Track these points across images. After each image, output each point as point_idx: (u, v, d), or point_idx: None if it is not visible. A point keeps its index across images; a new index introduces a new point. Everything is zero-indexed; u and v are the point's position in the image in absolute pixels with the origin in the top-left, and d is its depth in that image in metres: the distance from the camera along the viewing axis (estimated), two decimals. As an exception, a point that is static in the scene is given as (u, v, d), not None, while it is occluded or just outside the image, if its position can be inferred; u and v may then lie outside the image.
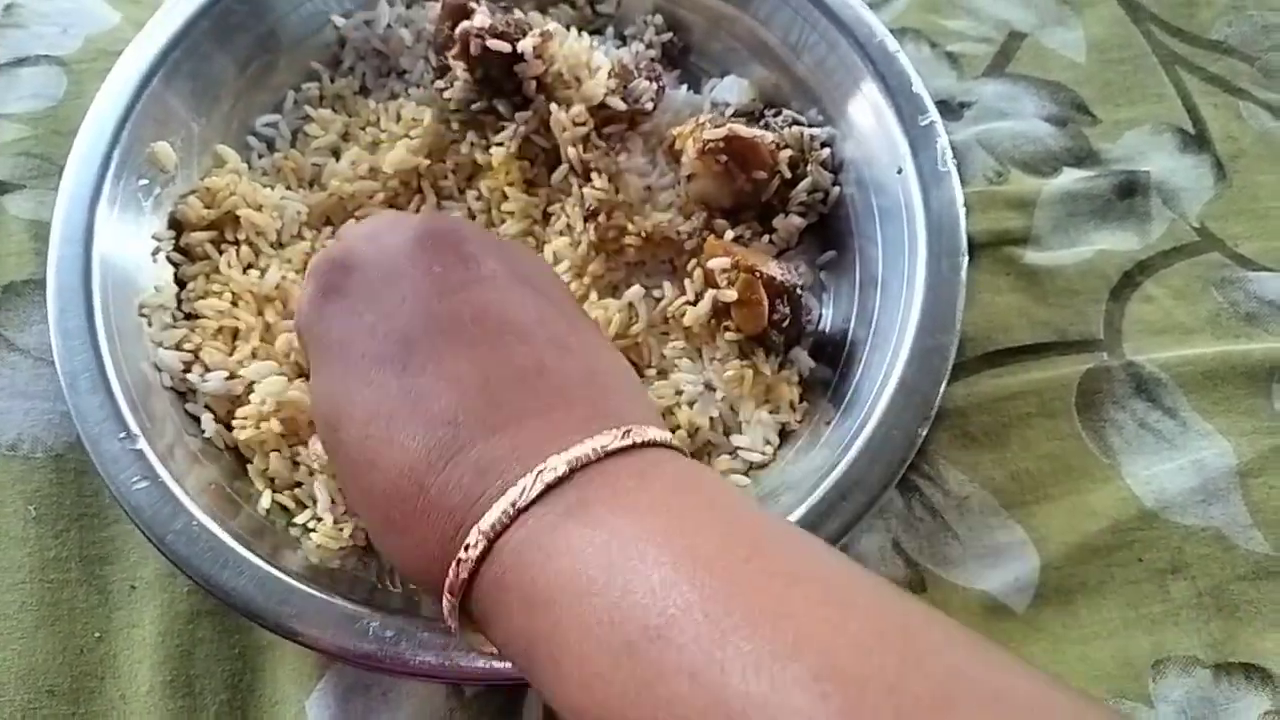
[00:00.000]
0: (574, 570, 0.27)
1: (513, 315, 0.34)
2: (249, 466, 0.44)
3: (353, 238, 0.37)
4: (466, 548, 0.29)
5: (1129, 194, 0.55)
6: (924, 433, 0.42)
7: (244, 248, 0.48)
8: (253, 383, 0.44)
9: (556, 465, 0.29)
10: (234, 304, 0.47)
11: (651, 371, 0.47)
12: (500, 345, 0.33)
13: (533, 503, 0.29)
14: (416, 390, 0.32)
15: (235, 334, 0.46)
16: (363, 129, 0.52)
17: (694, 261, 0.47)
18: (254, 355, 0.45)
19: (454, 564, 0.29)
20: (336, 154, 0.52)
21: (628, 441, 0.30)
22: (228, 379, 0.44)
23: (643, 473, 0.30)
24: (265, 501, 0.43)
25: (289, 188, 0.50)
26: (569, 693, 0.27)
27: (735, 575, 0.25)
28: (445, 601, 0.30)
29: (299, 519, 0.43)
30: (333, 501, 0.43)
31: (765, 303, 0.44)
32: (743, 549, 0.26)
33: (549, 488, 0.29)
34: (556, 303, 0.36)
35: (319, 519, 0.43)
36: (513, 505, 0.29)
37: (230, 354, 0.45)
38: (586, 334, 0.36)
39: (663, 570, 0.26)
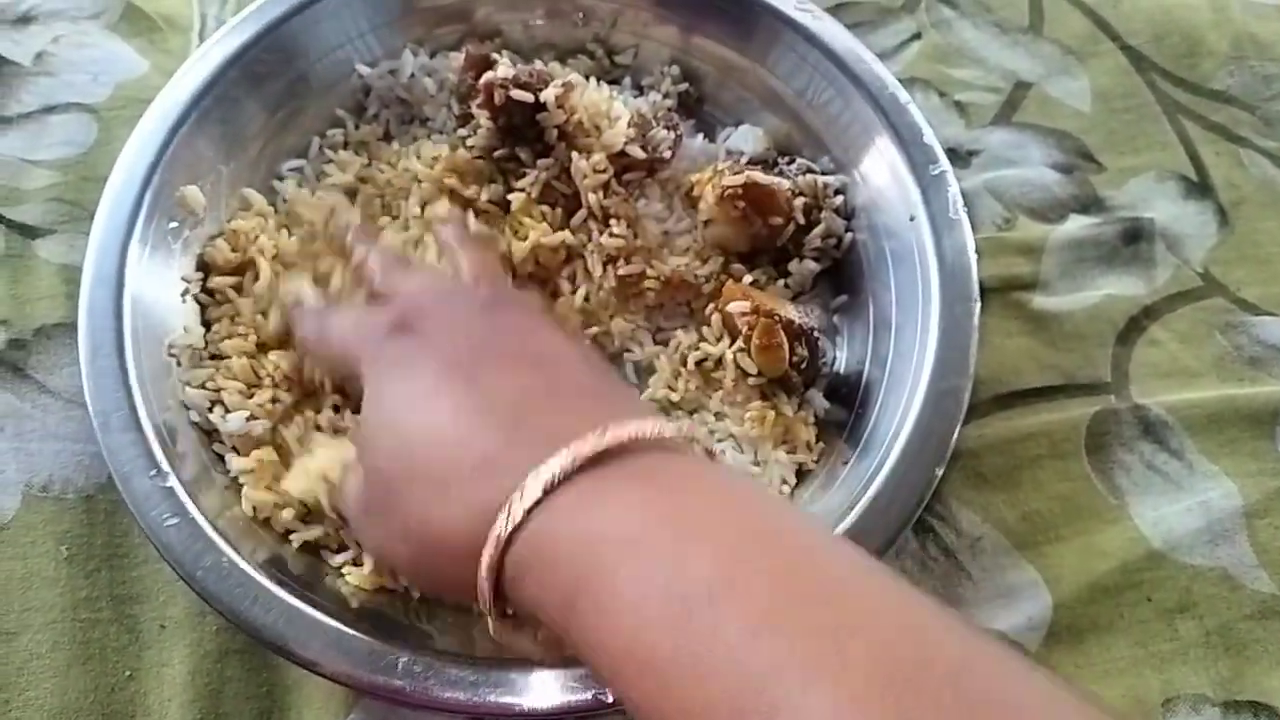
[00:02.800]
0: (639, 523, 0.29)
1: (566, 356, 0.38)
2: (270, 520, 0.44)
3: (424, 297, 0.41)
4: (522, 494, 0.30)
5: (1134, 240, 0.56)
6: (940, 474, 0.43)
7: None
8: (275, 425, 0.45)
9: (620, 433, 0.31)
10: (258, 347, 0.47)
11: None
12: (558, 369, 0.37)
13: (593, 463, 0.30)
14: (483, 389, 0.35)
15: (258, 376, 0.47)
16: (380, 171, 0.53)
17: (711, 305, 0.49)
18: (274, 400, 0.46)
19: (504, 513, 0.30)
20: (350, 195, 0.53)
21: (687, 434, 0.33)
22: (248, 419, 0.45)
23: (700, 462, 0.32)
24: (295, 542, 0.44)
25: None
26: (614, 641, 0.28)
27: (790, 557, 0.28)
28: (485, 558, 0.31)
29: (333, 562, 0.44)
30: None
31: (786, 346, 0.46)
32: (795, 535, 0.29)
33: (610, 453, 0.30)
34: (601, 369, 0.41)
35: (357, 564, 0.44)
36: (573, 461, 0.30)
37: (250, 396, 0.46)
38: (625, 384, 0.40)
39: (726, 541, 0.28)
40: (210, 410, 0.45)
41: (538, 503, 0.30)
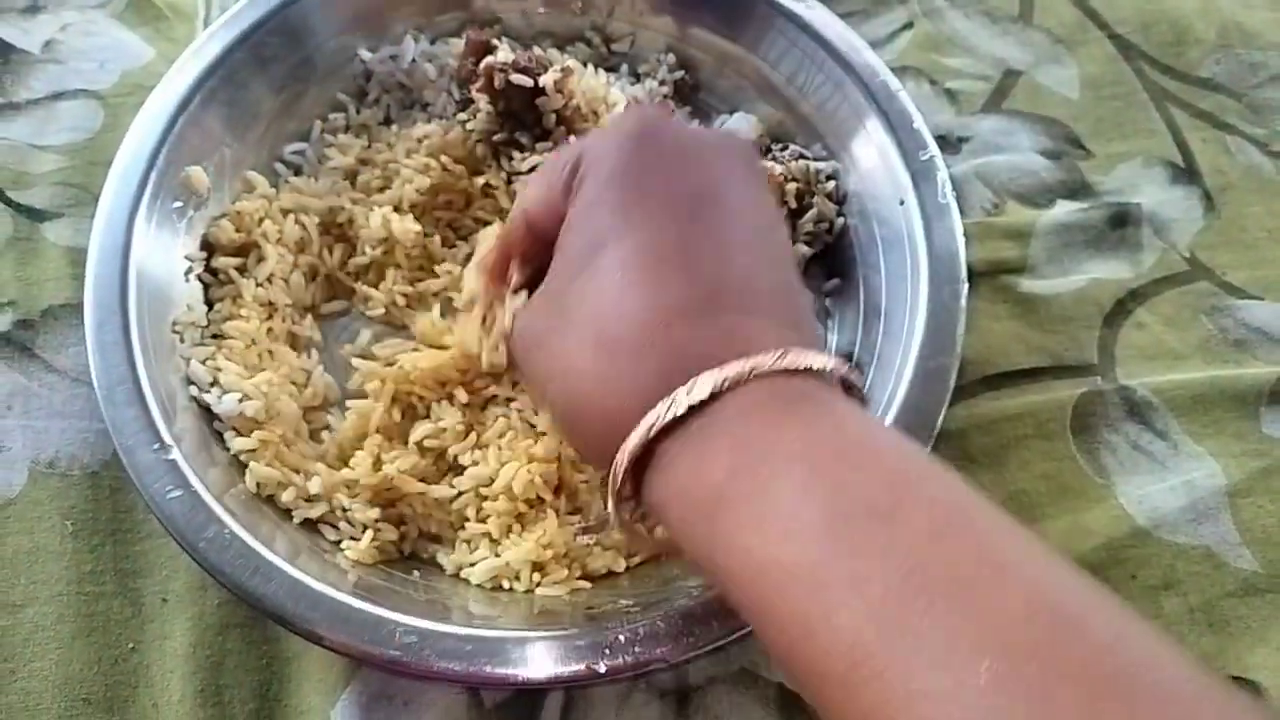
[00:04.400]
0: (802, 443, 0.29)
1: (771, 235, 0.36)
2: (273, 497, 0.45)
3: (673, 121, 0.40)
4: (691, 389, 0.30)
5: (1121, 225, 0.57)
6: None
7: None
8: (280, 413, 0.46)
9: (798, 360, 0.31)
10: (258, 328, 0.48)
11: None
12: (771, 250, 0.36)
13: (769, 373, 0.30)
14: (694, 242, 0.33)
15: (259, 356, 0.48)
16: (380, 154, 0.54)
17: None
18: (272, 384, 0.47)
19: (667, 401, 0.30)
20: (350, 177, 0.53)
21: (852, 376, 0.33)
22: (240, 400, 0.45)
23: (856, 408, 0.32)
24: (296, 518, 0.44)
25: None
26: (761, 545, 0.28)
27: (947, 496, 0.28)
28: (634, 437, 0.31)
29: (331, 536, 0.44)
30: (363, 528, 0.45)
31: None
32: (947, 485, 0.28)
33: (786, 373, 0.30)
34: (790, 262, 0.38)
35: (354, 539, 0.44)
36: (752, 370, 0.30)
37: (250, 377, 0.46)
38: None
39: (886, 474, 0.28)
40: (210, 388, 0.46)
41: (703, 403, 0.30)
